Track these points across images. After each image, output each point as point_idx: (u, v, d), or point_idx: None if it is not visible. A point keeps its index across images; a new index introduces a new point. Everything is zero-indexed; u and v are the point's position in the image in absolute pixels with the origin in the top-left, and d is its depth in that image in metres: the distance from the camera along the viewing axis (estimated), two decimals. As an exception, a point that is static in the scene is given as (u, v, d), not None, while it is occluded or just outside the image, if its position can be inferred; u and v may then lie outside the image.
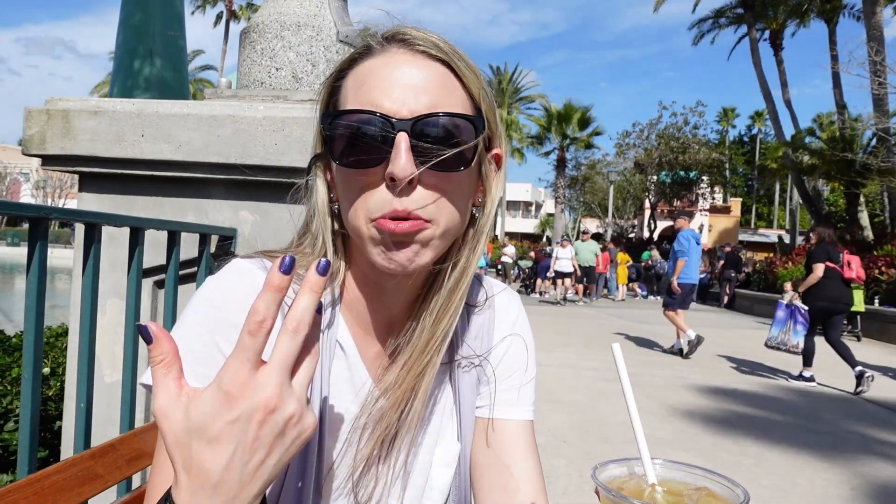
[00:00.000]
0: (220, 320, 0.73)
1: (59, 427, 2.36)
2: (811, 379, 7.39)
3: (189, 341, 0.72)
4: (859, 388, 6.89)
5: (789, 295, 9.39)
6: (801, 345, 7.37)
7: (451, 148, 0.72)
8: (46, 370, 2.44)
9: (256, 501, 0.55)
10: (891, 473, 4.35)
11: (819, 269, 7.30)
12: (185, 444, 0.54)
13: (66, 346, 2.88)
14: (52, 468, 1.04)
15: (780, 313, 7.80)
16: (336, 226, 0.82)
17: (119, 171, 1.90)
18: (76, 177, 1.99)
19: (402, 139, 0.70)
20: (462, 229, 0.79)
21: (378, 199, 0.72)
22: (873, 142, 20.27)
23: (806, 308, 7.42)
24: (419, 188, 0.72)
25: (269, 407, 0.54)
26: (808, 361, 7.45)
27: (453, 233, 0.77)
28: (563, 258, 17.21)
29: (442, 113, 0.72)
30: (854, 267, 7.54)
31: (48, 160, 1.90)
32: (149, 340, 0.55)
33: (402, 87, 0.73)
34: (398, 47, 0.76)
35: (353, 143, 0.72)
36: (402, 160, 0.69)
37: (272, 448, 0.55)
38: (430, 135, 0.71)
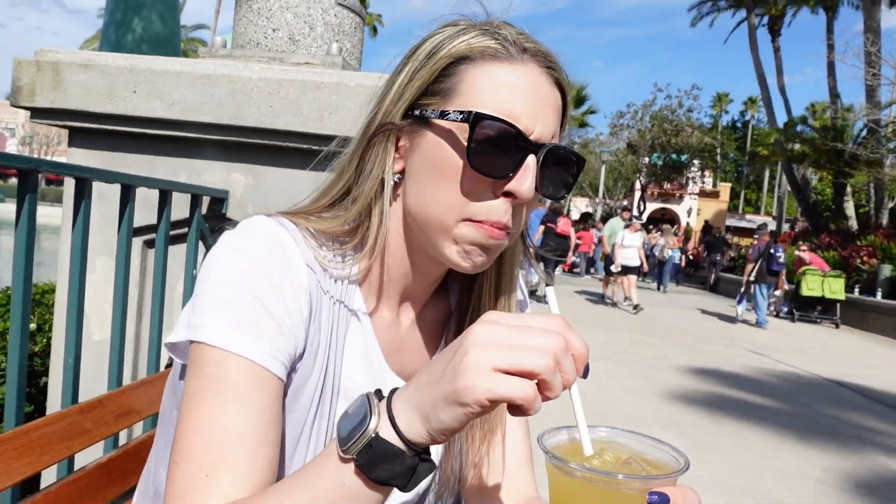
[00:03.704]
0: (254, 270, 0.73)
1: (45, 383, 2.35)
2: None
3: (220, 289, 0.72)
4: None
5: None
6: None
7: (562, 179, 0.79)
8: (33, 326, 2.43)
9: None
10: (862, 456, 4.46)
11: (540, 228, 11.84)
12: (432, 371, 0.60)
13: (52, 303, 2.86)
14: (40, 421, 1.04)
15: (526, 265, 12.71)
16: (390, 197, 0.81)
17: (110, 128, 1.86)
18: (63, 133, 1.95)
19: (532, 162, 0.73)
20: None
21: (489, 207, 0.75)
22: (864, 132, 20.36)
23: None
24: (524, 204, 0.77)
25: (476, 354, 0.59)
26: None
27: None
28: (631, 246, 12.03)
29: (567, 148, 0.77)
30: (560, 225, 12.04)
31: (37, 113, 1.86)
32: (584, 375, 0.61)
33: (536, 109, 0.75)
34: (535, 64, 0.77)
35: (492, 148, 0.72)
36: (529, 182, 0.73)
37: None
38: (550, 163, 0.76)
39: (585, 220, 24.96)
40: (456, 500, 1.02)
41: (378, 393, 0.63)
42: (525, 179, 0.73)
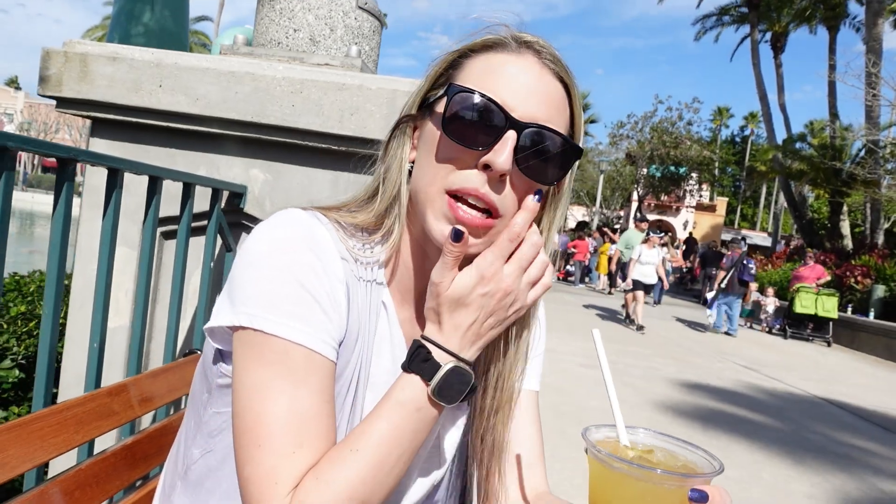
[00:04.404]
0: (298, 262, 0.77)
1: (55, 368, 2.38)
2: None
3: (271, 281, 0.76)
4: None
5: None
6: None
7: (546, 164, 0.79)
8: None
9: (478, 350, 0.80)
10: (850, 474, 4.52)
11: None
12: (444, 306, 0.77)
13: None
14: (73, 401, 1.08)
15: None
16: (407, 186, 0.86)
17: (134, 120, 1.90)
18: (60, 121, 2.00)
19: (511, 137, 0.76)
20: None
21: (465, 175, 0.78)
22: (862, 152, 20.51)
23: None
24: (508, 185, 0.78)
25: (508, 291, 0.77)
26: None
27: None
28: (648, 263, 11.13)
29: (552, 129, 0.78)
30: None
31: (63, 102, 1.90)
32: (458, 238, 0.75)
33: (526, 92, 0.78)
34: (533, 55, 0.81)
35: (466, 118, 0.77)
36: (505, 154, 0.75)
37: (499, 317, 0.79)
38: (534, 143, 0.77)
39: (581, 229, 25.04)
40: (462, 490, 1.07)
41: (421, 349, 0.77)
42: (501, 152, 0.75)
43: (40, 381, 1.22)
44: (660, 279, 11.38)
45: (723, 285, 12.32)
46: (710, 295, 12.86)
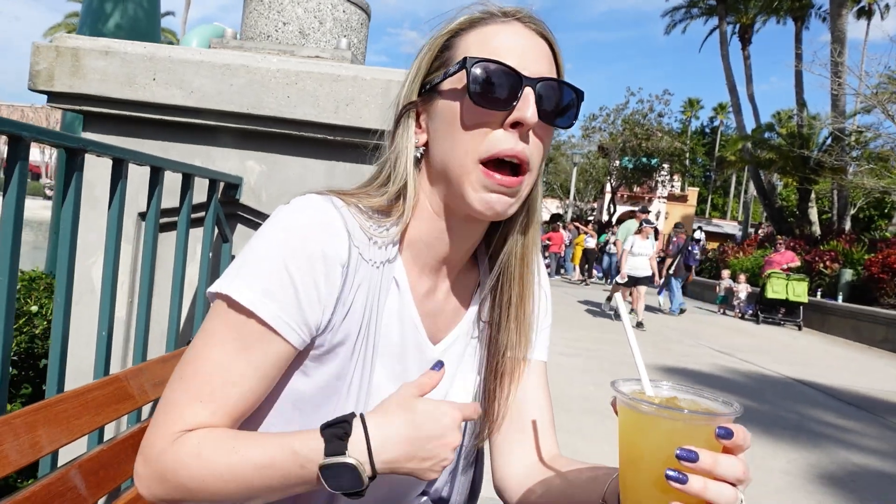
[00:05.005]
0: (295, 248, 0.81)
1: (45, 365, 2.38)
2: None
3: (261, 260, 0.81)
4: None
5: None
6: None
7: (560, 110, 0.86)
8: (34, 308, 2.45)
9: (388, 472, 0.77)
10: (823, 449, 4.68)
11: None
12: (420, 439, 0.77)
13: (42, 288, 2.87)
14: (94, 384, 1.11)
15: None
16: (415, 169, 0.92)
17: (127, 113, 1.91)
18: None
19: (530, 93, 0.82)
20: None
21: (496, 138, 0.83)
22: (829, 140, 20.97)
23: None
24: (532, 137, 0.84)
25: (458, 444, 0.80)
26: None
27: (533, 184, 0.90)
28: (641, 254, 10.20)
29: (556, 80, 0.85)
30: None
31: (55, 97, 1.90)
32: (438, 367, 0.83)
33: (523, 53, 0.85)
34: (517, 22, 0.88)
35: (488, 85, 0.82)
36: (532, 109, 0.82)
37: (423, 467, 0.79)
38: (547, 94, 0.84)
39: (555, 221, 25.26)
40: (476, 457, 1.12)
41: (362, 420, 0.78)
42: (527, 107, 0.82)
43: (53, 369, 1.24)
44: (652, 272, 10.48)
45: (671, 271, 13.05)
46: (660, 282, 13.13)
